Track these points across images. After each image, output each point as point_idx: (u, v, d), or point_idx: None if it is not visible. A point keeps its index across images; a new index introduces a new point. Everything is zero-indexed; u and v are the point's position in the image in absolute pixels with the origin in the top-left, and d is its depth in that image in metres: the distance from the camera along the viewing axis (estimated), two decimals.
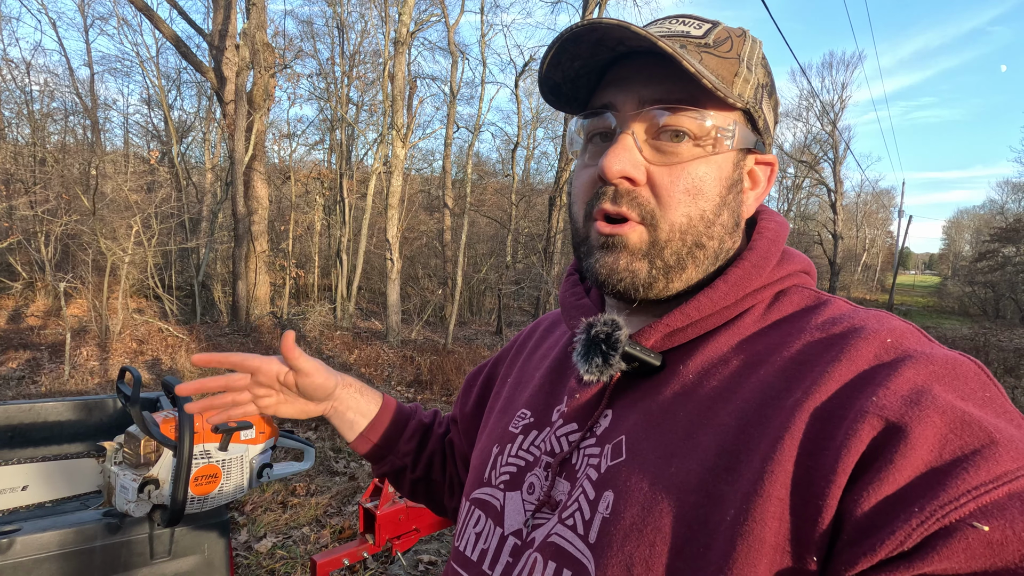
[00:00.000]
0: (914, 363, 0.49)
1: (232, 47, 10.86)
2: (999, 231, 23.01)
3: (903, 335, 0.53)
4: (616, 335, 0.60)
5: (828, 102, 28.74)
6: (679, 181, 0.59)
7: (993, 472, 0.42)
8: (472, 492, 0.74)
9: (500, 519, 0.67)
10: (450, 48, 14.44)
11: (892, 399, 0.46)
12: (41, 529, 1.29)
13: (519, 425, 0.73)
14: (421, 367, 8.82)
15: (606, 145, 0.62)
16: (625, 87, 0.61)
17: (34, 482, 1.61)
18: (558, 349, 0.78)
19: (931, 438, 0.44)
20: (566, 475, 0.63)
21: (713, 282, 0.61)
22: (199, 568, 1.58)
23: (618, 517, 0.54)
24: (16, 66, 13.80)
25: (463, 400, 0.96)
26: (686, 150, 0.59)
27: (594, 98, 0.65)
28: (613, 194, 0.60)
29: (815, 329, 0.56)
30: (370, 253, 15.44)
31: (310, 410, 0.87)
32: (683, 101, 0.59)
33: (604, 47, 0.59)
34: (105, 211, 10.19)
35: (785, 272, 0.63)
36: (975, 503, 0.41)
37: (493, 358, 0.96)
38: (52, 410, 1.93)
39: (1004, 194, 40.35)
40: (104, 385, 6.86)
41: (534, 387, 0.76)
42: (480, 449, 0.78)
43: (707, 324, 0.60)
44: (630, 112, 0.60)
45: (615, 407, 0.63)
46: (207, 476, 1.53)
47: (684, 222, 0.59)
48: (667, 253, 0.60)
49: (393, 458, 0.96)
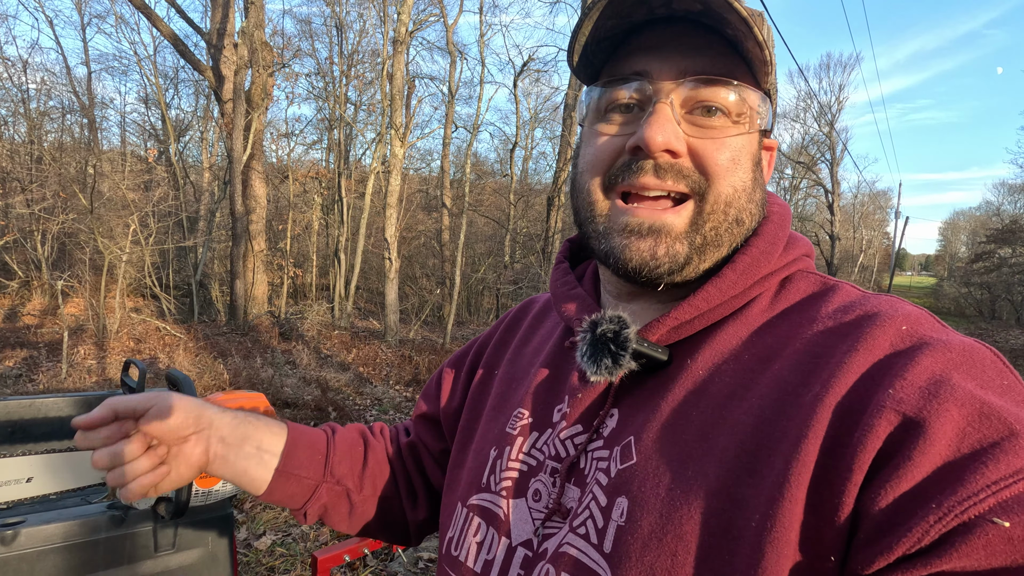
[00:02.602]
0: (931, 351, 0.47)
1: (230, 46, 10.84)
2: (995, 232, 23.09)
3: (918, 321, 0.51)
4: (625, 333, 0.57)
5: (826, 103, 28.85)
6: (723, 151, 0.57)
7: (1013, 466, 0.40)
8: (469, 497, 0.69)
9: (506, 528, 0.63)
10: (449, 48, 14.44)
11: (909, 391, 0.45)
12: (46, 521, 1.29)
13: (516, 426, 0.69)
14: (419, 366, 8.82)
15: (633, 115, 0.59)
16: (663, 55, 0.57)
17: (39, 474, 1.61)
18: (552, 342, 0.74)
19: (949, 432, 0.42)
20: (575, 480, 0.59)
21: (721, 270, 0.58)
22: (203, 561, 1.58)
23: (635, 525, 0.52)
24: (13, 64, 13.75)
25: (439, 393, 0.87)
26: (723, 124, 0.57)
27: (617, 65, 0.60)
28: (655, 167, 0.56)
29: (827, 318, 0.53)
30: (368, 252, 15.42)
31: (181, 469, 0.67)
32: (724, 75, 0.56)
33: (645, 6, 0.55)
34: (102, 210, 10.17)
35: (791, 257, 0.61)
36: (995, 498, 0.39)
37: (473, 347, 0.87)
38: (53, 406, 1.93)
39: (1000, 196, 40.58)
40: (101, 383, 6.84)
41: (530, 384, 0.71)
42: (476, 451, 0.73)
43: (714, 315, 0.58)
44: (668, 82, 0.56)
45: (621, 406, 0.60)
46: None
47: (730, 192, 0.57)
48: (708, 227, 0.57)
49: (329, 485, 0.77)
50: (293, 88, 16.60)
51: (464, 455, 0.75)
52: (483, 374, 0.81)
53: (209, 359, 7.90)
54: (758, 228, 0.61)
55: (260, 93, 11.21)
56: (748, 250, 0.59)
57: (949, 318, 24.28)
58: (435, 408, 0.88)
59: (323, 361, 8.84)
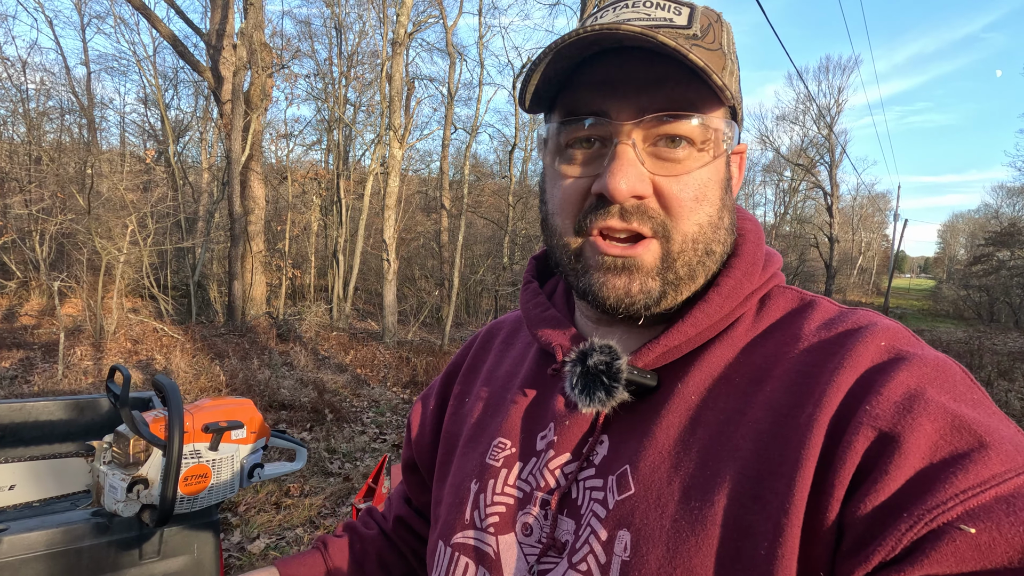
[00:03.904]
0: (907, 365, 0.49)
1: (229, 47, 10.84)
2: (994, 235, 23.11)
3: (895, 336, 0.52)
4: (617, 365, 0.56)
5: (824, 106, 28.88)
6: (687, 189, 0.56)
7: (981, 476, 0.42)
8: (452, 536, 0.66)
9: (497, 567, 0.60)
10: (448, 49, 14.44)
11: (885, 406, 0.46)
12: (28, 529, 1.28)
13: (499, 457, 0.66)
14: (417, 368, 8.81)
15: (594, 151, 0.57)
16: (619, 93, 0.55)
17: (22, 481, 1.60)
18: (528, 366, 0.71)
19: (923, 444, 0.44)
20: (567, 511, 0.58)
21: (707, 294, 0.58)
22: (188, 568, 1.57)
23: (641, 560, 0.51)
24: (12, 64, 13.74)
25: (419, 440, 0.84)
26: (687, 155, 0.56)
27: (573, 98, 0.58)
28: (620, 211, 0.55)
29: (811, 335, 0.54)
30: (367, 254, 15.41)
31: None
32: (684, 107, 0.55)
33: (596, 45, 0.54)
34: (100, 210, 10.15)
35: (768, 274, 0.62)
36: (962, 507, 0.41)
37: (440, 380, 0.85)
38: (44, 409, 1.92)
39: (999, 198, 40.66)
40: (98, 384, 6.83)
41: (508, 412, 0.68)
42: (453, 485, 0.70)
43: (701, 338, 0.58)
44: (628, 121, 0.54)
45: (611, 432, 0.59)
46: (197, 476, 1.52)
47: (696, 231, 0.56)
48: (679, 265, 0.56)
49: None
50: (292, 89, 16.63)
51: (442, 491, 0.72)
52: (455, 404, 0.79)
53: (206, 360, 7.89)
54: (736, 248, 0.61)
55: (259, 94, 11.21)
56: (731, 272, 0.59)
57: (948, 320, 24.28)
58: (414, 456, 0.84)
59: (321, 362, 8.83)
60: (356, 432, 5.94)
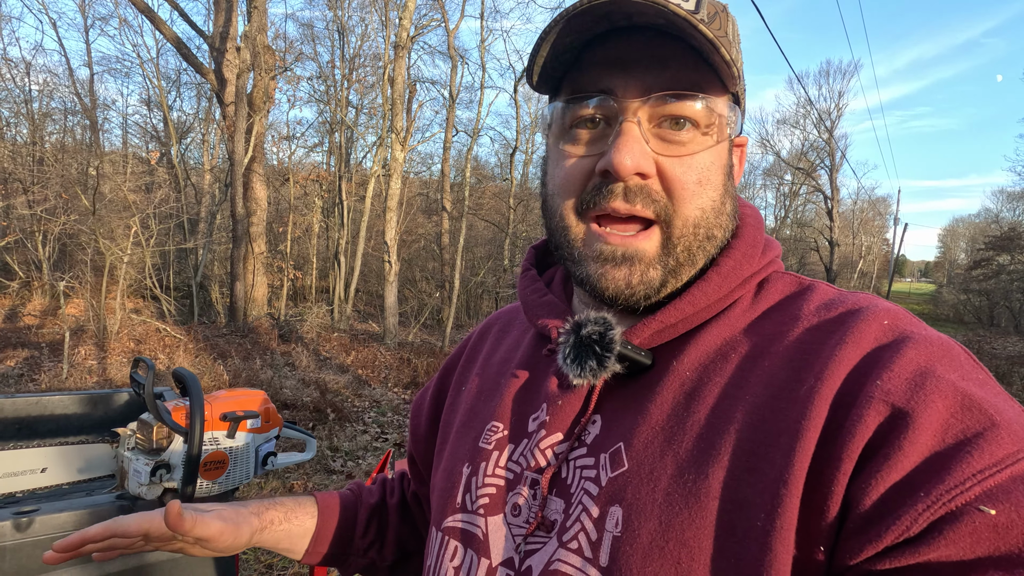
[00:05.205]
0: (914, 344, 0.48)
1: (233, 49, 10.91)
2: (994, 239, 23.16)
3: (897, 316, 0.52)
4: (610, 335, 0.56)
5: (825, 110, 28.97)
6: (690, 172, 0.55)
7: (996, 455, 0.41)
8: (443, 520, 0.65)
9: (484, 549, 0.60)
10: (450, 52, 14.52)
11: (896, 382, 0.46)
12: (58, 510, 1.33)
13: (491, 440, 0.65)
14: (418, 369, 8.87)
15: (599, 131, 0.57)
16: (627, 71, 0.55)
17: (52, 464, 1.66)
18: (523, 351, 0.71)
19: (935, 422, 0.43)
20: (557, 491, 0.57)
21: (706, 274, 0.58)
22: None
23: (633, 535, 0.50)
24: (16, 66, 13.83)
25: (415, 432, 0.86)
26: (691, 138, 0.55)
27: (580, 78, 0.58)
28: (624, 191, 0.54)
29: (810, 315, 0.54)
30: (368, 255, 15.48)
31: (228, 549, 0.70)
32: (689, 88, 0.54)
33: (607, 21, 0.53)
34: (103, 211, 10.21)
35: (767, 259, 0.62)
36: (980, 487, 0.40)
37: (439, 373, 0.86)
38: (59, 403, 1.97)
39: (999, 203, 40.66)
40: (102, 383, 6.88)
41: (502, 395, 0.68)
42: (445, 470, 0.69)
43: (698, 318, 0.58)
44: (634, 99, 0.54)
45: (604, 411, 0.58)
46: (215, 462, 1.58)
47: (698, 215, 0.56)
48: (679, 250, 0.56)
49: (356, 558, 0.85)
50: (295, 91, 16.63)
51: (436, 478, 0.73)
52: (452, 395, 0.79)
53: (209, 360, 7.94)
54: (736, 232, 0.62)
55: (262, 96, 11.28)
56: (731, 253, 0.59)
57: (948, 324, 24.32)
58: (414, 449, 0.86)
59: (322, 363, 8.88)
60: (358, 431, 5.99)
